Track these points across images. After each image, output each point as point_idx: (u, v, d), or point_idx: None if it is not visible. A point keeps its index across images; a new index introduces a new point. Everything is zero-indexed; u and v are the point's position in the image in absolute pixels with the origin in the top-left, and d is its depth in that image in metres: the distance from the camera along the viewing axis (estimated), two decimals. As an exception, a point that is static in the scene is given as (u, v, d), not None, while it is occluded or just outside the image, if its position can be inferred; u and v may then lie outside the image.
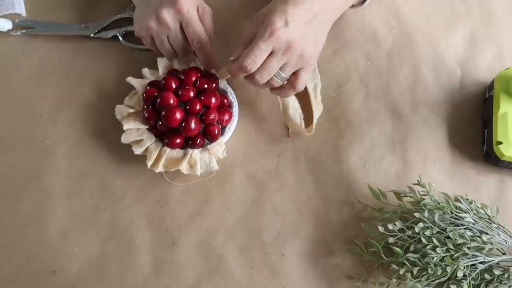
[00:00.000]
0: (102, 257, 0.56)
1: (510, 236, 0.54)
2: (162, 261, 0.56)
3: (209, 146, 0.57)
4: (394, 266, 0.52)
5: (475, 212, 0.55)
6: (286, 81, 0.55)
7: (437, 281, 0.51)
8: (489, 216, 0.55)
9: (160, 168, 0.56)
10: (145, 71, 0.61)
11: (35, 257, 0.55)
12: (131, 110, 0.58)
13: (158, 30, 0.56)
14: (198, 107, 0.56)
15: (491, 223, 0.54)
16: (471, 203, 0.56)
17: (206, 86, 0.58)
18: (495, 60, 0.66)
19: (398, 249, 0.52)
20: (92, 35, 0.65)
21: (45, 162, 0.59)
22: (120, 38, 0.64)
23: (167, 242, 0.56)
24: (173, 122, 0.55)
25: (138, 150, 0.56)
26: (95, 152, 0.60)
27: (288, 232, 0.57)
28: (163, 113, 0.55)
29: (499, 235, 0.53)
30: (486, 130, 0.60)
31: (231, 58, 0.54)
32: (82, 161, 0.60)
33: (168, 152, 0.56)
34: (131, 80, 0.60)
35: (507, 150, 0.56)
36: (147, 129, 0.57)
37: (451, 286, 0.51)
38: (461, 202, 0.55)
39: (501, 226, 0.54)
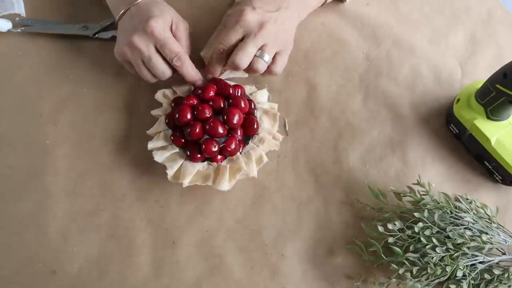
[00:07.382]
0: (102, 257, 0.56)
1: (509, 235, 0.54)
2: (162, 261, 0.56)
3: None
4: (394, 265, 0.52)
5: (475, 212, 0.55)
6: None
7: (437, 280, 0.51)
8: (489, 216, 0.55)
9: (228, 187, 0.55)
10: (158, 95, 0.61)
11: (35, 257, 0.55)
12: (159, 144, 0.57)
13: (132, 56, 0.57)
14: (221, 131, 0.56)
15: (491, 223, 0.54)
16: (470, 202, 0.56)
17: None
18: (495, 60, 0.66)
19: (397, 249, 0.52)
20: (91, 36, 0.65)
21: (45, 162, 0.59)
22: (120, 38, 0.65)
23: (167, 242, 0.56)
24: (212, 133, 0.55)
25: (171, 171, 0.56)
26: (95, 152, 0.60)
27: (288, 232, 0.57)
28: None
29: (498, 234, 0.53)
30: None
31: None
32: (82, 161, 0.60)
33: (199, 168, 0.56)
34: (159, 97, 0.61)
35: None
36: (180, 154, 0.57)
37: (450, 286, 0.51)
38: (460, 202, 0.55)
39: (501, 225, 0.54)
